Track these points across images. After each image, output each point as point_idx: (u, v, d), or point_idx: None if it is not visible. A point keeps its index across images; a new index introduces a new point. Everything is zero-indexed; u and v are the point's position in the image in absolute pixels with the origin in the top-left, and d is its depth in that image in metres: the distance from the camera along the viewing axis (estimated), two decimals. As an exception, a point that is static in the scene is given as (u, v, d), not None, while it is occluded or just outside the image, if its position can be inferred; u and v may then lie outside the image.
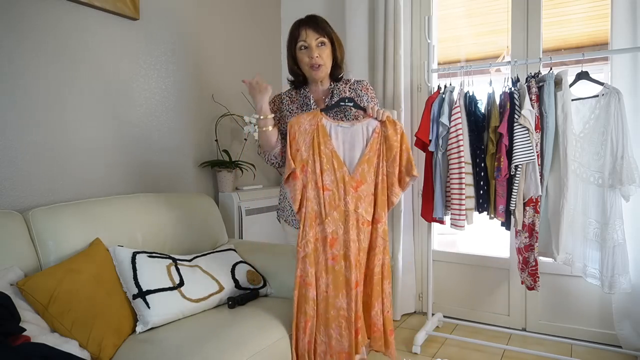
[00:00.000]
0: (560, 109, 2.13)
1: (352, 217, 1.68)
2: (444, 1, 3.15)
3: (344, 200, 1.69)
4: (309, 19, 1.82)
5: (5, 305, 1.32)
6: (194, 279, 1.83)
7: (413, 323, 2.92)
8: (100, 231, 1.80)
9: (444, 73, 2.76)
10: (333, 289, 1.69)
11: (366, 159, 1.70)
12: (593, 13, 2.95)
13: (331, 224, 1.69)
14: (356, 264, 1.68)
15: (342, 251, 1.69)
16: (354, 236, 1.68)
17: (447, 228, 2.48)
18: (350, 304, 1.67)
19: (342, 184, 1.69)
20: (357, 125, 1.73)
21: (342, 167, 1.70)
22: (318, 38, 1.77)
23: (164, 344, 1.52)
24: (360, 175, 1.70)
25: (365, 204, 1.70)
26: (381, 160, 1.71)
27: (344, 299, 1.68)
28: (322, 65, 1.79)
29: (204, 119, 2.71)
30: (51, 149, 1.94)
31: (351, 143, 1.72)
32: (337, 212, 1.69)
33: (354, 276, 1.68)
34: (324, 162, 1.69)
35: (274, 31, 3.35)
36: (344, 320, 1.68)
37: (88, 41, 2.08)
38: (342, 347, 1.67)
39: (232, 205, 2.66)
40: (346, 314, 1.68)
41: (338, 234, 1.69)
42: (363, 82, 1.90)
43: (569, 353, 2.44)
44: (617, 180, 2.02)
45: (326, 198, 1.69)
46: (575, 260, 2.22)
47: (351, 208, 1.68)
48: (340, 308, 1.68)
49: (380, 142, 1.71)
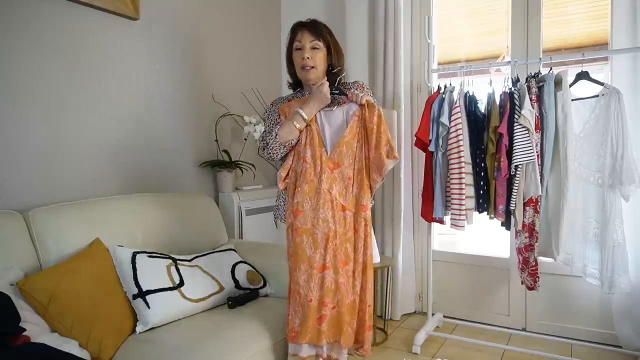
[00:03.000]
0: (560, 109, 2.13)
1: (325, 196, 1.67)
2: (444, 1, 3.15)
3: (319, 177, 1.68)
4: (309, 21, 1.82)
5: (5, 305, 1.32)
6: (194, 279, 1.83)
7: (413, 323, 2.92)
8: (100, 231, 1.79)
9: (444, 73, 2.77)
10: (294, 261, 1.66)
11: (345, 141, 1.70)
12: (593, 13, 2.95)
13: (299, 195, 1.68)
14: (325, 246, 1.63)
15: (307, 225, 1.66)
16: (327, 216, 1.65)
17: (447, 228, 2.48)
18: (309, 283, 1.61)
19: (319, 162, 1.69)
20: (337, 110, 1.74)
21: (322, 147, 1.71)
22: (313, 41, 1.78)
23: (164, 344, 1.53)
24: (338, 156, 1.70)
25: (340, 187, 1.69)
26: (363, 144, 1.71)
27: (302, 275, 1.63)
28: (313, 68, 1.78)
29: (204, 119, 2.71)
30: (51, 149, 1.94)
31: (332, 125, 1.73)
32: (308, 186, 1.68)
33: (319, 256, 1.63)
34: (308, 137, 1.71)
35: (274, 31, 3.35)
36: (298, 296, 1.64)
37: (88, 41, 2.08)
38: (293, 322, 1.63)
39: (232, 205, 2.66)
40: (301, 291, 1.63)
41: (304, 207, 1.67)
42: (358, 82, 1.90)
43: (569, 353, 2.44)
44: (617, 180, 2.02)
45: (302, 170, 1.70)
46: (575, 260, 2.22)
47: (324, 187, 1.67)
48: (297, 283, 1.64)
49: (359, 126, 1.71)
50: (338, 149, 1.70)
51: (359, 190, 1.71)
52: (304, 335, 1.60)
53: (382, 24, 2.87)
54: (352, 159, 1.70)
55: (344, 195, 1.70)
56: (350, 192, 1.70)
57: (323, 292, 1.62)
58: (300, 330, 1.61)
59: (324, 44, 1.80)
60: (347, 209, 1.70)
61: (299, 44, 1.79)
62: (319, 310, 1.62)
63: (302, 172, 1.70)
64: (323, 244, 1.64)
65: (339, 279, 1.65)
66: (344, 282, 1.66)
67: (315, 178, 1.69)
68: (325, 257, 1.64)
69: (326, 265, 1.64)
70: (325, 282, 1.62)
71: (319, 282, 1.63)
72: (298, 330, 1.62)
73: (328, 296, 1.63)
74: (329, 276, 1.63)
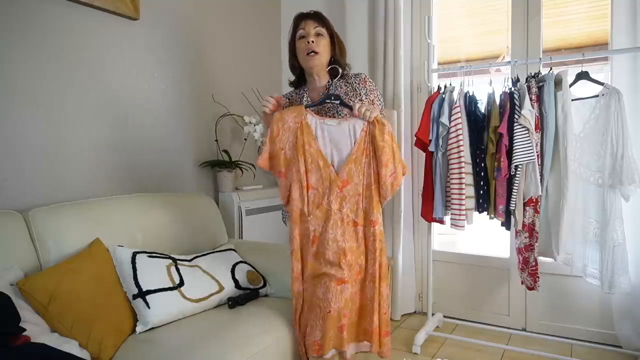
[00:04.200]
0: (560, 109, 2.13)
1: (335, 217, 1.67)
2: (444, 1, 3.15)
3: (328, 199, 1.68)
4: (312, 12, 1.84)
5: (5, 305, 1.32)
6: (194, 279, 1.83)
7: (413, 323, 2.92)
8: (100, 231, 1.79)
9: (444, 73, 2.77)
10: (311, 281, 1.69)
11: (353, 158, 1.68)
12: (593, 13, 2.95)
13: (313, 222, 1.69)
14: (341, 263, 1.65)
15: (321, 249, 1.68)
16: (334, 235, 1.66)
17: (447, 228, 2.48)
18: (327, 295, 1.63)
19: (327, 183, 1.68)
20: (344, 124, 1.71)
21: (328, 167, 1.69)
22: (317, 27, 1.79)
23: (164, 344, 1.52)
24: (347, 174, 1.68)
25: (350, 204, 1.69)
26: (371, 160, 1.69)
27: (320, 289, 1.65)
28: (318, 54, 1.78)
29: (204, 119, 2.71)
30: (51, 149, 1.94)
31: (338, 142, 1.70)
32: (320, 211, 1.69)
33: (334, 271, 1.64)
34: (308, 162, 1.68)
35: (274, 31, 3.35)
36: (319, 310, 1.65)
37: (88, 41, 2.08)
38: (315, 336, 1.65)
39: (232, 205, 2.66)
40: (321, 304, 1.64)
41: (319, 232, 1.69)
42: (361, 75, 1.89)
43: (569, 353, 2.44)
44: (617, 180, 2.02)
45: (310, 197, 1.69)
46: (576, 260, 2.22)
47: (334, 207, 1.67)
48: (317, 297, 1.66)
49: (367, 141, 1.69)
50: (347, 167, 1.68)
51: (368, 205, 1.70)
52: (328, 345, 1.63)
53: (382, 24, 2.87)
54: (361, 176, 1.69)
55: (355, 211, 1.69)
56: (360, 208, 1.70)
57: (341, 304, 1.63)
58: (324, 342, 1.63)
59: (328, 33, 1.81)
60: (358, 224, 1.70)
61: (302, 31, 1.79)
62: (340, 320, 1.64)
63: (312, 198, 1.69)
64: (337, 262, 1.65)
65: (353, 291, 1.69)
66: (356, 291, 1.70)
67: (324, 201, 1.69)
68: (343, 272, 1.64)
69: (345, 280, 1.64)
70: (345, 295, 1.64)
71: (337, 295, 1.63)
72: (321, 343, 1.63)
73: (346, 308, 1.65)
74: (347, 290, 1.65)
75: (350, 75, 1.90)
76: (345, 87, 1.86)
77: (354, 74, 1.90)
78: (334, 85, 1.86)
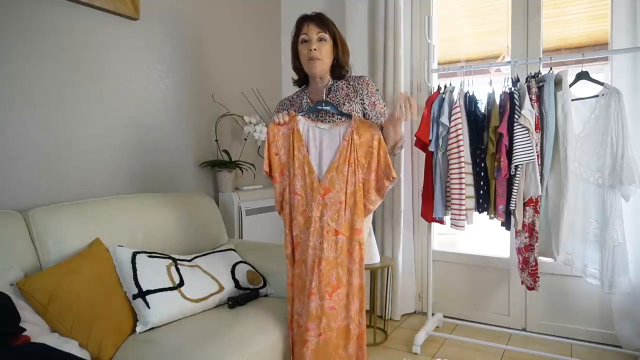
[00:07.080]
0: (560, 109, 2.13)
1: (316, 224, 1.65)
2: (444, 1, 3.15)
3: (310, 206, 1.67)
4: (314, 14, 1.82)
5: (5, 305, 1.32)
6: (194, 279, 1.83)
7: (413, 323, 2.92)
8: (100, 231, 1.79)
9: (444, 73, 2.76)
10: (297, 291, 1.70)
11: (335, 166, 1.67)
12: (593, 13, 2.95)
13: (296, 228, 1.70)
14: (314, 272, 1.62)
15: (303, 256, 1.68)
16: (315, 243, 1.65)
17: (447, 228, 2.48)
18: (303, 311, 1.63)
19: (310, 190, 1.68)
20: (335, 129, 1.71)
21: (312, 174, 1.68)
22: (319, 33, 1.77)
23: (164, 344, 1.52)
24: (329, 182, 1.67)
25: (331, 212, 1.66)
26: (356, 167, 1.66)
27: (299, 304, 1.67)
28: (319, 60, 1.77)
29: (204, 119, 2.71)
30: (51, 149, 1.94)
31: (327, 146, 1.70)
32: (303, 217, 1.69)
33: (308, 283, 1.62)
34: (296, 167, 1.69)
35: (274, 31, 3.35)
36: (296, 326, 1.67)
37: (88, 41, 2.08)
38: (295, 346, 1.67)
39: (232, 205, 2.66)
40: (299, 319, 1.66)
41: (301, 238, 1.69)
42: (363, 78, 1.88)
43: (569, 353, 2.44)
44: (617, 180, 2.02)
45: (294, 203, 1.70)
46: (576, 260, 2.22)
47: (315, 215, 1.65)
48: (296, 312, 1.69)
49: (349, 150, 1.66)
50: (329, 175, 1.67)
51: (351, 214, 1.67)
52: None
53: (382, 24, 2.87)
54: (343, 184, 1.66)
55: (336, 220, 1.66)
56: (342, 217, 1.66)
57: (307, 318, 1.61)
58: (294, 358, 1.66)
59: (330, 36, 1.80)
60: (339, 233, 1.66)
61: (305, 36, 1.78)
62: (304, 335, 1.61)
63: (295, 204, 1.70)
64: (311, 270, 1.64)
65: (324, 305, 1.61)
66: (334, 306, 1.63)
67: (307, 208, 1.69)
68: (311, 283, 1.62)
69: (312, 292, 1.62)
70: (310, 308, 1.60)
71: (306, 308, 1.62)
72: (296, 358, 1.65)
73: (312, 322, 1.60)
74: (314, 302, 1.61)
75: (352, 77, 1.90)
76: (346, 88, 1.86)
77: (355, 76, 1.90)
78: (335, 86, 1.87)
